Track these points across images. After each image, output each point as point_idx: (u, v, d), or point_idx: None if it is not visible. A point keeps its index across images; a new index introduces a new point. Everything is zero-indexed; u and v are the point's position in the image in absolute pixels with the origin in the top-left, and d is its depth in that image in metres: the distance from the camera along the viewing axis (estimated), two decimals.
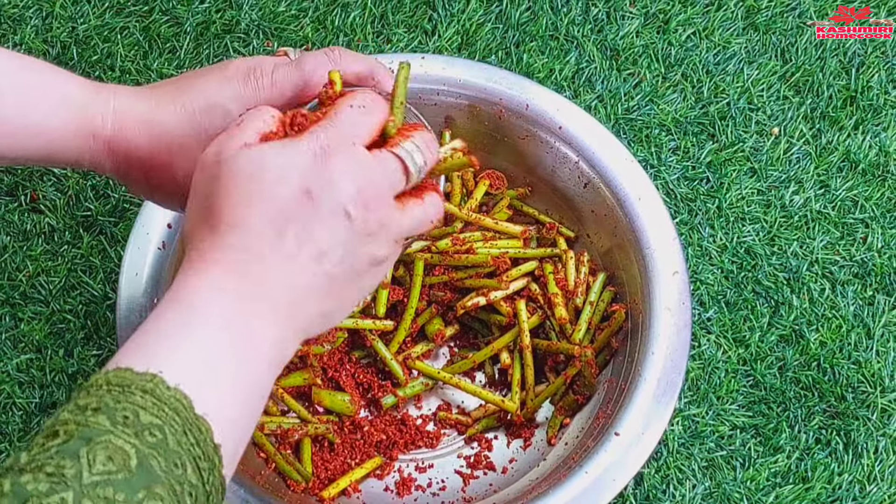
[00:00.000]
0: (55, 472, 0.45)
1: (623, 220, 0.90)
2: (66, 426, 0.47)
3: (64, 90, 0.63)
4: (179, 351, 0.51)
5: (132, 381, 0.49)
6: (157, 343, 0.52)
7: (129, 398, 0.49)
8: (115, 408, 0.48)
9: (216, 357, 0.52)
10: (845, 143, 1.03)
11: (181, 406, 0.49)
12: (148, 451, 0.47)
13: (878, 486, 0.89)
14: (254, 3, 1.08)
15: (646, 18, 1.09)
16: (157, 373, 0.50)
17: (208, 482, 0.50)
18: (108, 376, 0.50)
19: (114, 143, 0.63)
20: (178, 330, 0.52)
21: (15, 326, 0.93)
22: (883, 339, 0.95)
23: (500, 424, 0.92)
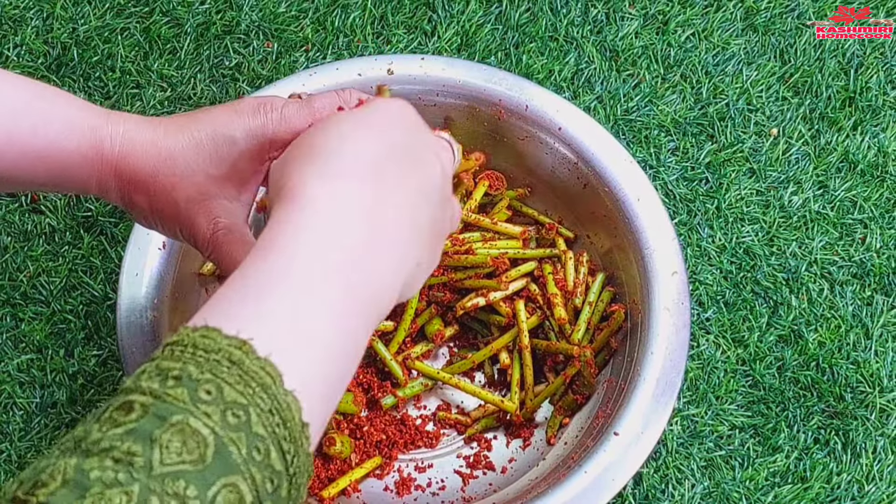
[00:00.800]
0: (123, 459, 0.41)
1: (622, 221, 0.90)
2: (143, 398, 0.44)
3: (76, 115, 0.63)
4: (273, 311, 0.47)
5: (220, 346, 0.45)
6: (249, 299, 0.47)
7: (214, 368, 0.45)
8: (197, 379, 0.44)
9: (313, 319, 0.48)
10: (844, 144, 1.04)
11: (270, 381, 0.45)
12: (227, 435, 0.43)
13: (877, 485, 0.89)
14: (254, 4, 1.08)
15: (645, 19, 1.09)
16: (248, 339, 0.46)
17: (292, 464, 0.46)
18: (195, 337, 0.46)
19: (120, 166, 0.63)
20: (273, 283, 0.47)
21: (16, 326, 0.94)
22: (881, 340, 0.95)
23: (500, 424, 0.92)
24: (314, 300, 0.48)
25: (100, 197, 0.66)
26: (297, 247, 0.49)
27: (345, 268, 0.49)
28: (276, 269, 0.48)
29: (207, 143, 0.62)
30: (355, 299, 0.49)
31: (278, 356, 0.46)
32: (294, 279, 0.48)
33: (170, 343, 0.47)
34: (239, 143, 0.62)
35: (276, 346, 0.46)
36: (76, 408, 0.90)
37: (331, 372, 0.49)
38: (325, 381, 0.48)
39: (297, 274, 0.48)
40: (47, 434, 0.89)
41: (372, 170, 0.52)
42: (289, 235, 0.49)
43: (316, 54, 1.06)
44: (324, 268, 0.48)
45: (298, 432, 0.46)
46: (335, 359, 0.49)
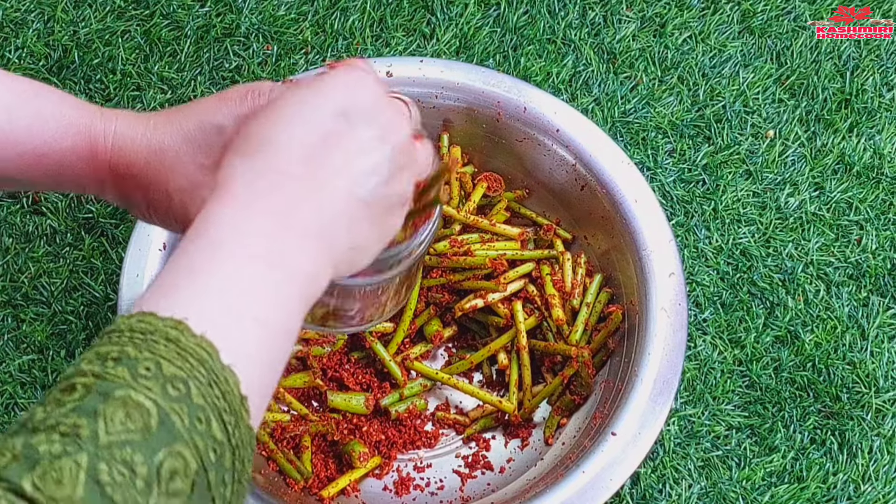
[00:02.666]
0: (69, 433, 0.43)
1: (620, 222, 0.91)
2: (85, 378, 0.45)
3: (70, 113, 0.64)
4: (205, 292, 0.49)
5: (155, 327, 0.47)
6: (181, 284, 0.49)
7: (152, 347, 0.46)
8: (136, 358, 0.46)
9: (244, 296, 0.50)
10: (840, 146, 1.04)
11: (207, 356, 0.47)
12: (169, 406, 0.45)
13: (873, 485, 0.90)
14: (254, 7, 1.09)
15: (642, 22, 1.10)
16: (183, 319, 0.47)
17: (234, 436, 0.47)
18: (130, 322, 0.47)
19: (114, 162, 0.64)
20: (203, 267, 0.50)
21: (17, 327, 0.94)
22: (877, 340, 0.96)
23: (498, 424, 0.92)
24: (241, 281, 0.50)
25: (98, 195, 0.66)
26: (221, 239, 0.51)
27: (266, 256, 0.51)
28: (203, 255, 0.50)
29: (196, 132, 0.63)
30: (279, 284, 0.51)
31: (213, 333, 0.48)
32: (220, 264, 0.50)
33: (107, 332, 0.48)
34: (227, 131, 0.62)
35: (211, 323, 0.48)
36: None
37: (265, 348, 0.50)
38: (261, 354, 0.50)
39: (222, 259, 0.50)
40: None
41: (297, 161, 0.53)
42: (214, 225, 0.51)
43: (315, 57, 1.07)
44: (247, 257, 0.50)
45: (238, 405, 0.48)
46: (268, 335, 0.50)
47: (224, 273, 0.50)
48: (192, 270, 0.50)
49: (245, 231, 0.51)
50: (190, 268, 0.50)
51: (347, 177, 0.55)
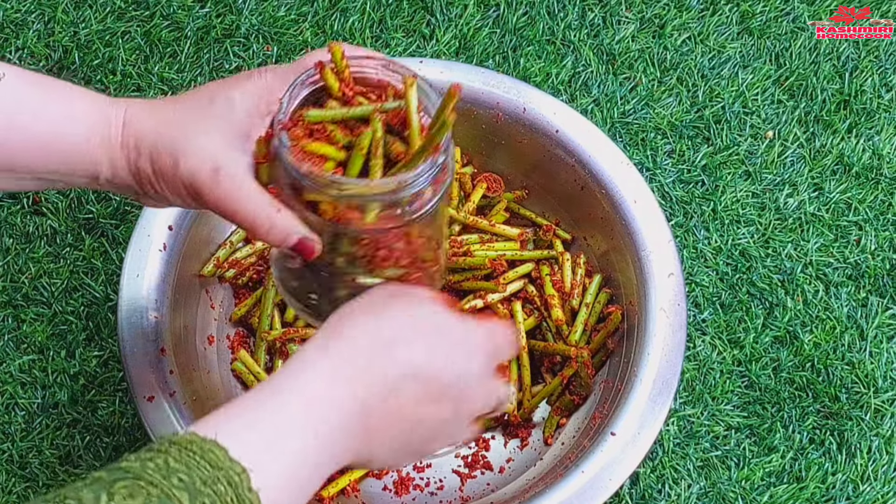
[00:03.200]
0: None
1: (619, 223, 0.91)
2: (151, 488, 0.49)
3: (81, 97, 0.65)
4: (253, 424, 0.54)
5: (223, 465, 0.51)
6: (250, 424, 0.54)
7: (214, 487, 0.50)
8: (200, 491, 0.49)
9: (288, 432, 0.54)
10: (839, 147, 1.05)
11: (237, 480, 0.51)
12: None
13: (872, 485, 0.90)
14: (254, 8, 1.09)
15: (641, 23, 1.10)
16: (247, 469, 0.51)
17: None
18: (203, 446, 0.51)
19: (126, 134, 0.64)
20: (262, 403, 0.55)
21: (17, 328, 0.94)
22: (876, 341, 0.96)
23: (498, 424, 0.92)
24: (296, 419, 0.55)
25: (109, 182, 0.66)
26: (286, 394, 0.56)
27: (315, 424, 0.56)
28: (276, 405, 0.55)
29: (206, 104, 0.64)
30: (327, 435, 0.56)
31: (267, 493, 0.52)
32: (280, 402, 0.55)
33: (177, 442, 0.52)
34: (236, 101, 0.64)
35: (266, 483, 0.52)
36: (77, 408, 0.91)
37: (292, 487, 0.55)
38: (287, 493, 0.54)
39: (283, 399, 0.55)
40: (49, 434, 0.90)
41: (393, 388, 0.58)
42: (284, 383, 0.56)
43: None
44: (301, 422, 0.55)
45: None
46: (299, 476, 0.55)
47: (277, 410, 0.55)
48: (252, 405, 0.55)
49: (320, 413, 0.56)
50: (254, 402, 0.55)
51: (415, 422, 0.59)
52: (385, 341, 0.59)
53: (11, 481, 0.88)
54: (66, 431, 0.90)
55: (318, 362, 0.57)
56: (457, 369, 0.60)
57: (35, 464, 0.88)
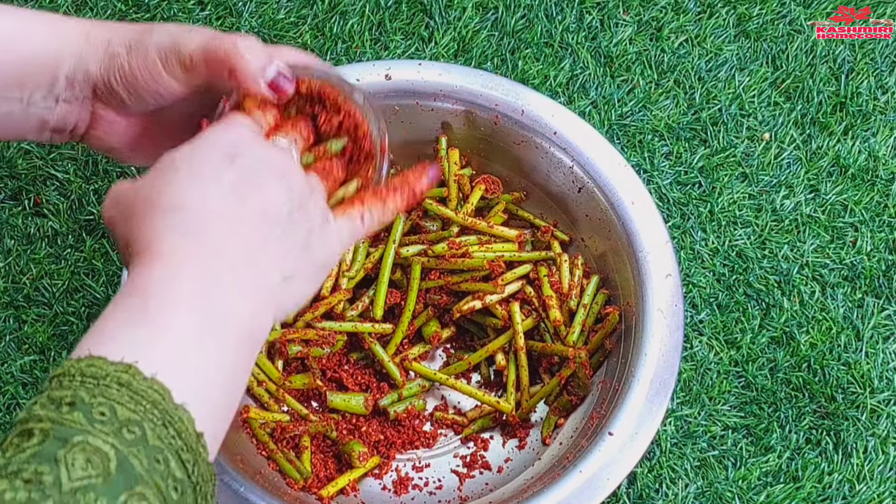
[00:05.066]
0: (32, 479, 0.44)
1: (617, 224, 0.91)
2: (41, 424, 0.46)
3: (39, 14, 0.65)
4: (150, 338, 0.50)
5: (106, 371, 0.48)
6: (126, 331, 0.51)
7: (105, 392, 0.47)
8: (90, 403, 0.47)
9: (189, 341, 0.51)
10: (835, 149, 1.05)
11: (159, 397, 0.48)
12: (127, 450, 0.46)
13: (868, 485, 0.90)
14: (253, 11, 1.10)
15: (639, 26, 1.11)
16: (133, 362, 0.49)
17: (193, 473, 0.49)
18: (80, 366, 0.48)
19: (94, 30, 0.64)
20: (145, 318, 0.51)
21: (19, 328, 0.95)
22: (872, 341, 0.96)
23: (496, 425, 0.93)
24: (183, 329, 0.52)
25: (63, 91, 0.64)
26: (157, 290, 0.52)
27: (200, 303, 0.53)
28: (144, 308, 0.52)
29: (168, 37, 0.64)
30: (217, 325, 0.53)
31: (163, 375, 0.49)
32: (161, 314, 0.52)
33: (56, 375, 0.49)
34: (193, 42, 0.63)
35: (160, 366, 0.49)
36: None
37: (217, 385, 0.52)
38: (213, 392, 0.52)
39: (162, 309, 0.52)
40: None
41: (209, 215, 0.55)
42: (149, 282, 0.53)
43: None
44: (185, 304, 0.52)
45: (194, 442, 0.49)
46: (217, 374, 0.52)
47: (164, 321, 0.52)
48: (135, 321, 0.51)
49: (176, 283, 0.53)
50: (131, 319, 0.51)
51: (259, 211, 0.57)
52: (165, 202, 0.56)
53: None
54: None
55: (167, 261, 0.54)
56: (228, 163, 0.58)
57: None
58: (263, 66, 0.62)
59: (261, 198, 0.57)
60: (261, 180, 0.58)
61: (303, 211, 0.59)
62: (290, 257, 0.58)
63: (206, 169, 0.57)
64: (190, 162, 0.57)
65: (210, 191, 0.56)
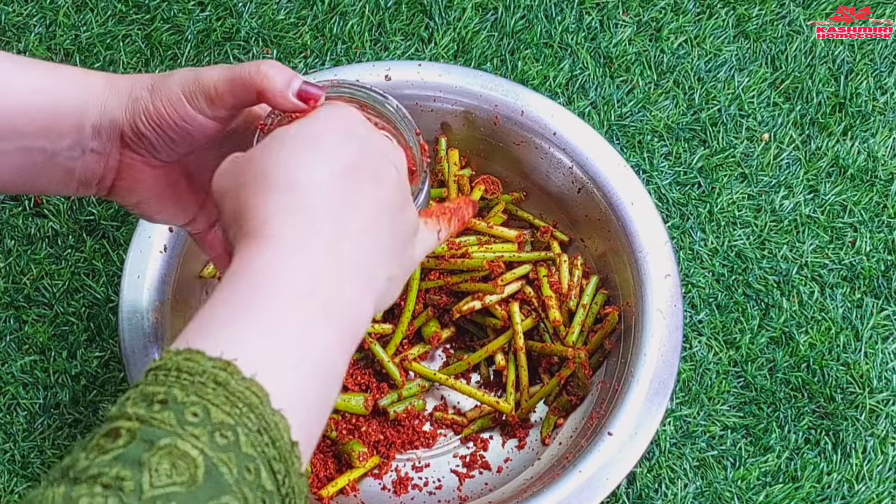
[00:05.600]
0: (112, 484, 0.41)
1: (616, 225, 0.92)
2: (129, 423, 0.43)
3: (61, 66, 0.64)
4: (254, 332, 0.47)
5: (204, 367, 0.45)
6: (228, 322, 0.47)
7: (200, 390, 0.44)
8: (183, 402, 0.44)
9: (294, 336, 0.48)
10: (834, 149, 1.05)
11: (257, 401, 0.45)
12: (217, 456, 0.43)
13: (867, 484, 0.91)
14: (253, 12, 1.10)
15: (638, 27, 1.11)
16: (232, 360, 0.46)
17: (284, 485, 0.45)
18: (178, 360, 0.46)
19: (116, 80, 0.63)
20: (250, 307, 0.48)
21: (19, 328, 0.95)
22: (871, 341, 0.97)
23: (496, 425, 0.93)
24: (289, 321, 0.48)
25: (89, 142, 0.63)
26: (268, 277, 0.49)
27: (315, 293, 0.50)
28: (249, 295, 0.49)
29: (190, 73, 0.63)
30: (330, 320, 0.50)
31: (263, 376, 0.46)
32: (270, 304, 0.48)
33: (153, 368, 0.46)
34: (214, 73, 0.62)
35: (261, 366, 0.46)
36: (79, 408, 0.92)
37: (316, 390, 0.49)
38: (310, 399, 0.48)
39: (272, 300, 0.49)
40: (50, 434, 0.90)
41: (329, 197, 0.53)
42: (260, 267, 0.50)
43: (315, 61, 1.08)
44: (296, 294, 0.49)
45: (288, 452, 0.46)
46: (318, 377, 0.49)
47: (272, 313, 0.48)
48: (237, 311, 0.48)
49: (290, 271, 0.49)
50: (235, 308, 0.48)
51: (376, 199, 0.54)
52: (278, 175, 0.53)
53: (13, 481, 0.88)
54: (68, 432, 0.91)
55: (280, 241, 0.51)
56: (347, 147, 0.55)
57: (37, 464, 0.89)
58: (289, 81, 0.61)
59: (378, 184, 0.55)
60: (379, 170, 0.55)
61: (407, 209, 0.58)
62: (395, 257, 0.56)
63: (325, 142, 0.54)
64: (307, 133, 0.55)
65: (329, 168, 0.53)
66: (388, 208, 0.55)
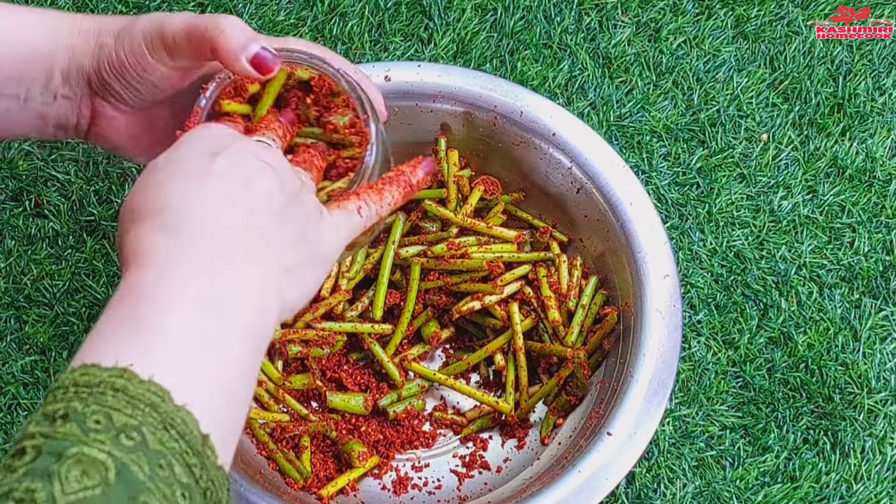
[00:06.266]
0: (24, 498, 0.41)
1: (615, 225, 0.92)
2: (34, 441, 0.44)
3: (32, 10, 0.64)
4: (148, 339, 0.48)
5: (100, 378, 0.46)
6: (121, 334, 0.48)
7: (100, 399, 0.45)
8: (83, 413, 0.44)
9: (188, 341, 0.49)
10: (833, 150, 1.05)
11: (158, 399, 0.46)
12: (127, 456, 0.43)
13: (865, 484, 0.91)
14: (253, 12, 1.10)
15: (637, 27, 1.11)
16: (128, 366, 0.46)
17: (202, 478, 0.46)
18: (73, 376, 0.46)
19: (84, 24, 0.63)
20: (137, 320, 0.49)
21: (20, 329, 0.95)
22: (869, 342, 0.97)
23: (495, 425, 0.93)
24: (177, 324, 0.49)
25: (58, 86, 0.63)
26: (147, 291, 0.50)
27: (196, 295, 0.51)
28: (135, 310, 0.50)
29: (156, 20, 0.63)
30: (220, 318, 0.51)
31: (161, 377, 0.47)
32: (152, 313, 0.49)
33: (52, 389, 0.47)
34: (176, 22, 0.62)
35: (158, 368, 0.47)
36: None
37: (222, 384, 0.50)
38: (218, 393, 0.49)
39: (155, 310, 0.50)
40: None
41: (200, 211, 0.53)
42: (138, 284, 0.51)
43: None
44: (179, 300, 0.50)
45: (200, 445, 0.46)
46: (224, 371, 0.50)
47: (160, 323, 0.49)
48: (126, 325, 0.49)
49: (171, 284, 0.51)
50: (123, 323, 0.49)
51: (250, 204, 0.55)
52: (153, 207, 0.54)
53: None
54: None
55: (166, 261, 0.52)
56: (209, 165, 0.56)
57: None
58: (245, 43, 0.60)
59: (251, 191, 0.55)
60: (248, 173, 0.56)
61: (297, 203, 0.58)
62: (289, 250, 0.56)
63: (189, 166, 0.55)
64: (171, 163, 0.56)
65: (196, 187, 0.54)
66: (268, 207, 0.55)
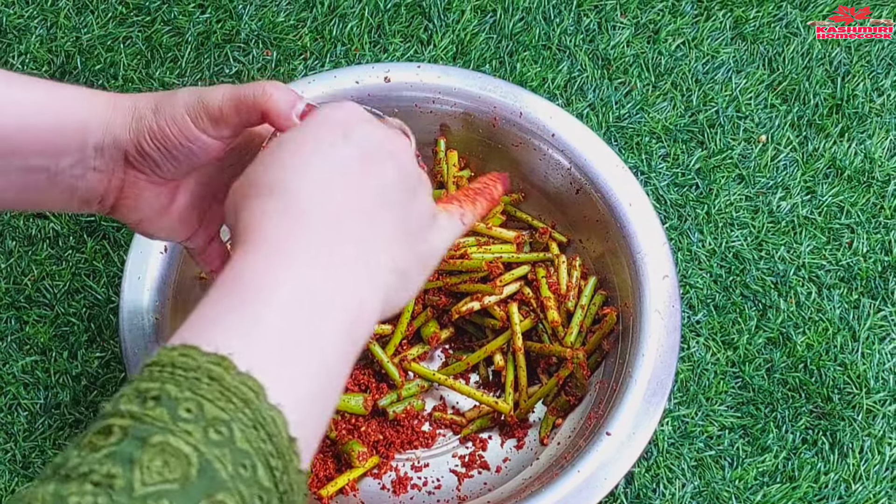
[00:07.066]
0: (102, 482, 0.40)
1: (614, 226, 0.92)
2: (122, 420, 0.43)
3: (65, 87, 0.63)
4: (250, 329, 0.47)
5: (198, 363, 0.45)
6: (224, 319, 0.47)
7: (194, 386, 0.44)
8: (176, 398, 0.43)
9: (291, 334, 0.47)
10: (831, 151, 1.06)
11: (252, 395, 0.44)
12: (211, 452, 0.42)
13: (864, 484, 0.91)
14: (253, 14, 1.10)
15: (636, 28, 1.11)
16: (227, 354, 0.45)
17: (282, 482, 0.45)
18: (172, 355, 0.45)
19: (119, 99, 0.63)
20: (243, 306, 0.47)
21: (20, 329, 0.95)
22: (868, 342, 0.97)
23: (494, 425, 0.93)
24: (282, 315, 0.48)
25: (91, 161, 0.63)
26: (257, 278, 0.49)
27: (307, 291, 0.50)
28: (243, 296, 0.48)
29: (193, 93, 0.63)
30: (325, 316, 0.50)
31: (259, 371, 0.45)
32: (262, 304, 0.48)
33: (148, 364, 0.46)
34: (218, 94, 0.62)
35: (257, 360, 0.46)
36: (80, 409, 0.92)
37: (316, 386, 0.48)
38: (311, 395, 0.48)
39: (264, 299, 0.48)
40: (51, 434, 0.91)
41: (320, 197, 0.53)
42: (249, 269, 0.49)
43: (314, 62, 1.08)
44: (288, 293, 0.49)
45: (286, 448, 0.45)
46: (316, 373, 0.49)
47: (266, 312, 0.47)
48: (230, 310, 0.47)
49: (282, 271, 0.49)
50: (227, 308, 0.48)
51: (372, 192, 0.54)
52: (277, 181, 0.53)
53: (14, 481, 0.89)
54: (69, 432, 0.91)
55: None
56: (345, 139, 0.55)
57: (38, 464, 0.89)
58: (293, 103, 0.61)
59: (375, 178, 0.54)
60: (376, 158, 0.55)
61: (416, 200, 0.57)
62: (402, 249, 0.55)
63: (313, 146, 0.54)
64: (297, 139, 0.55)
65: (316, 169, 0.53)
66: (389, 200, 0.55)
